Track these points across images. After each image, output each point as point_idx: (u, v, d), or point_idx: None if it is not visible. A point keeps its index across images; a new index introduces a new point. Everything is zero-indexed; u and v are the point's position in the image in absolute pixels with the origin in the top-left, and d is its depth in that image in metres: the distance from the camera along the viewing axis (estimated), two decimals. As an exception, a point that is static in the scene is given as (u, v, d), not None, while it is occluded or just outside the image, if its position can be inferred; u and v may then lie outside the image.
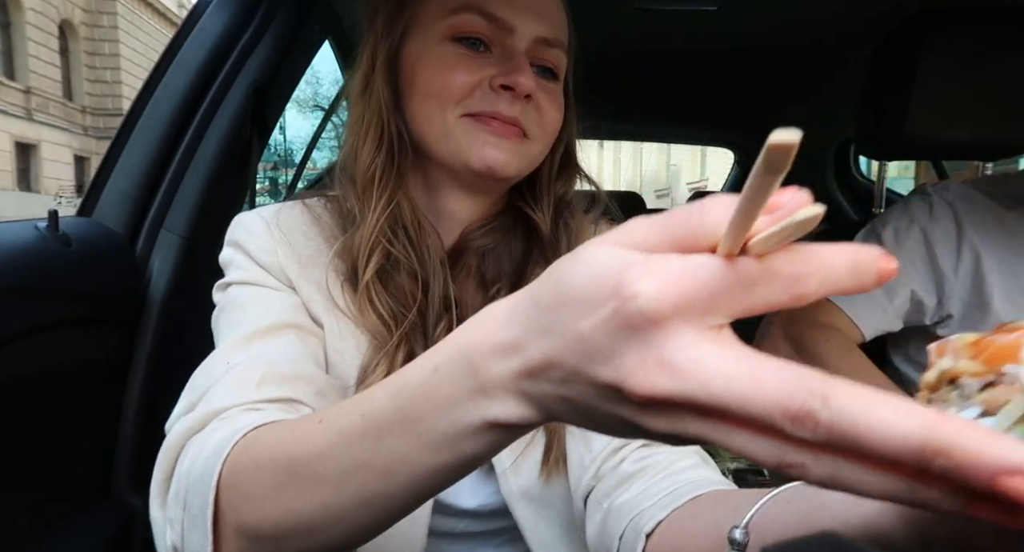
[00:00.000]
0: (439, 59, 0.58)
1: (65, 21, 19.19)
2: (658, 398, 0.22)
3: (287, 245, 0.60)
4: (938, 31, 0.93)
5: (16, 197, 15.95)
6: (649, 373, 0.22)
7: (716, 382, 0.21)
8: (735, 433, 0.22)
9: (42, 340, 0.77)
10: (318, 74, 6.72)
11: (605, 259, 0.24)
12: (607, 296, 0.23)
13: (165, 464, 0.44)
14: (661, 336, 0.22)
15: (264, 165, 6.74)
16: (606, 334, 0.23)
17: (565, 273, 0.25)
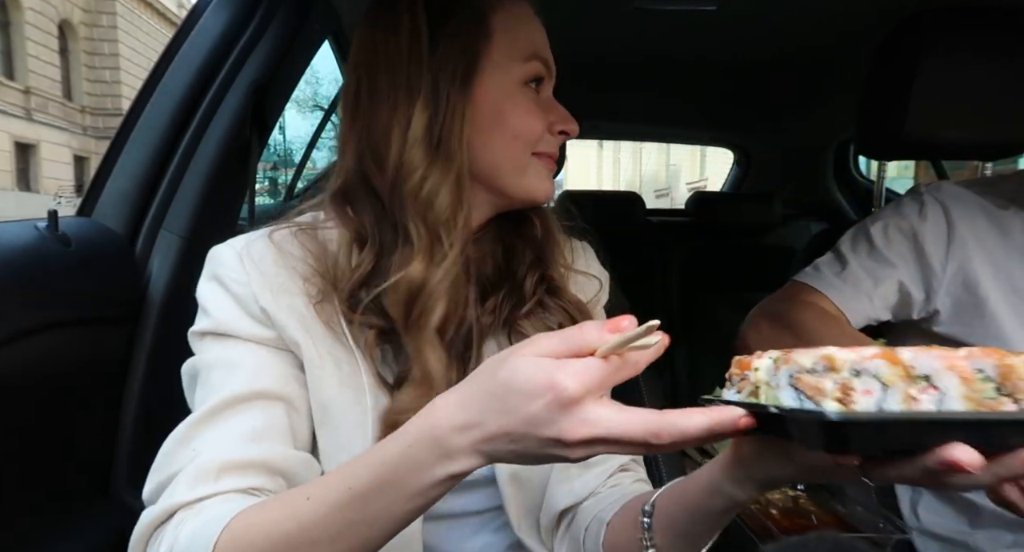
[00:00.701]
0: (524, 104, 0.65)
1: (64, 21, 19.17)
2: (583, 440, 0.40)
3: (259, 275, 0.61)
4: (937, 31, 0.93)
5: (15, 197, 15.93)
6: (577, 428, 0.40)
7: (613, 425, 0.40)
8: (622, 448, 0.41)
9: (42, 340, 0.77)
10: (318, 74, 6.72)
11: (537, 365, 0.41)
12: (545, 388, 0.40)
13: (144, 531, 0.51)
14: (580, 407, 0.40)
15: (264, 165, 6.73)
16: (547, 410, 0.40)
17: (510, 373, 0.42)
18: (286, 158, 8.89)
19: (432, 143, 0.60)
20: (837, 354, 0.39)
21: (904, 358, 0.38)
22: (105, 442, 0.93)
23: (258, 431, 0.56)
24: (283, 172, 8.42)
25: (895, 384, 0.37)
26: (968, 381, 0.37)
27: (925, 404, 0.37)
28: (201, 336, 0.61)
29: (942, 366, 0.37)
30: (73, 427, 0.86)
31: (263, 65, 1.03)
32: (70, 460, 0.86)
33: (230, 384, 0.57)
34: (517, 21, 0.66)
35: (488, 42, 0.63)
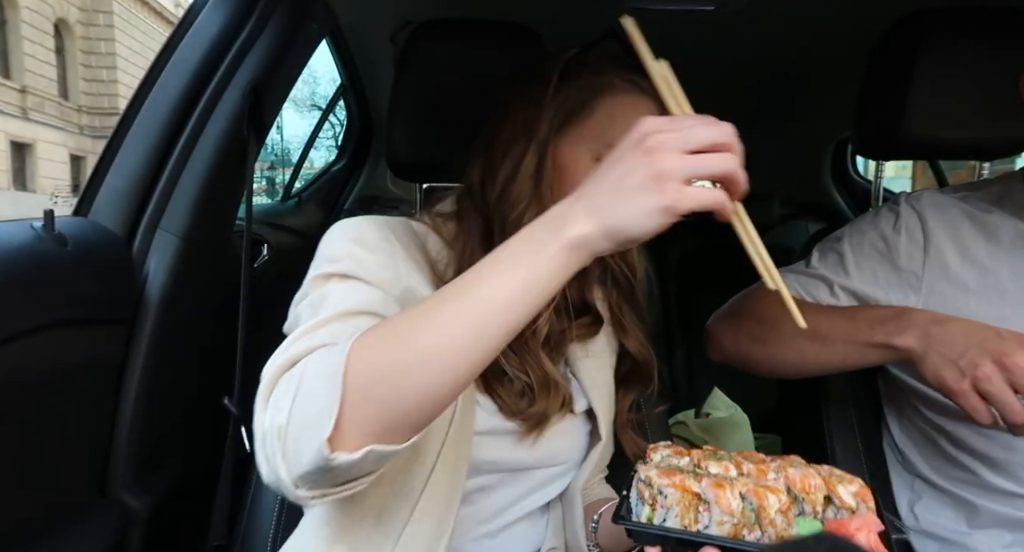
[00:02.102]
0: (584, 172, 0.68)
1: (61, 20, 19.11)
2: (667, 129, 0.49)
3: (403, 249, 0.68)
4: (935, 31, 0.93)
5: (11, 196, 15.88)
6: (661, 124, 0.49)
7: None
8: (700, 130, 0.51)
9: (38, 340, 0.77)
10: (315, 73, 6.72)
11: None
12: (634, 129, 0.50)
13: (270, 378, 0.53)
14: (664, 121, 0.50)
15: (261, 164, 6.73)
16: (635, 135, 0.49)
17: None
18: (283, 158, 8.90)
19: (535, 183, 0.70)
20: (655, 477, 0.58)
21: (693, 488, 0.57)
22: (103, 442, 0.92)
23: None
24: (280, 172, 8.39)
25: (676, 505, 0.57)
26: (731, 513, 0.56)
27: (703, 519, 0.56)
28: (327, 277, 0.64)
29: (713, 497, 0.56)
30: (70, 427, 0.85)
31: (260, 65, 1.02)
32: (67, 460, 0.86)
33: (365, 297, 0.61)
34: (622, 112, 0.72)
35: (587, 115, 0.72)
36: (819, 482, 0.58)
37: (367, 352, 0.49)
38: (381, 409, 0.48)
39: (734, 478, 0.59)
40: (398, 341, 0.49)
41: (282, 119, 7.63)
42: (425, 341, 0.48)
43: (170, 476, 1.01)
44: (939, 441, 0.93)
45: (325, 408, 0.47)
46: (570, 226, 0.48)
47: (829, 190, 2.37)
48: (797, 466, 0.61)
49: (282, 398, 0.50)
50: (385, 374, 0.48)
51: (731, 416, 1.76)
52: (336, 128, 2.48)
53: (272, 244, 1.48)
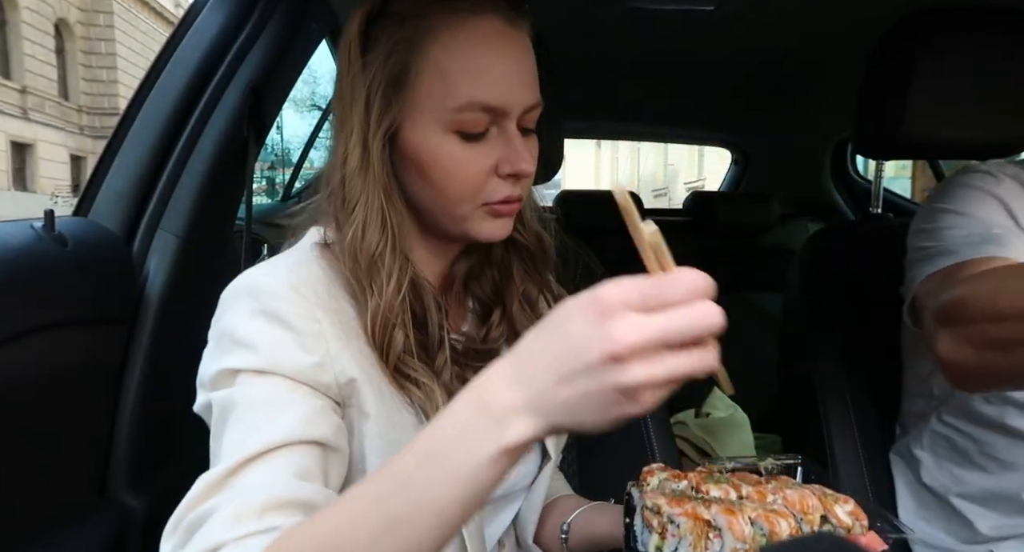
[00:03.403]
0: (449, 154, 0.58)
1: (61, 20, 19.11)
2: (639, 344, 0.35)
3: (327, 314, 0.57)
4: (935, 31, 0.93)
5: (12, 197, 15.88)
6: (629, 330, 0.36)
7: (662, 317, 0.36)
8: (682, 335, 0.36)
9: (38, 340, 0.77)
10: (315, 73, 6.70)
11: (579, 296, 0.39)
12: (585, 301, 0.38)
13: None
14: (624, 313, 0.36)
15: (261, 165, 6.73)
16: (589, 322, 0.37)
17: (554, 312, 0.40)
18: (283, 158, 8.87)
19: (362, 182, 0.59)
20: (665, 505, 0.58)
21: (704, 516, 0.57)
22: (102, 443, 0.92)
23: (304, 472, 0.50)
24: (280, 172, 8.40)
25: (688, 534, 0.57)
26: (744, 539, 0.56)
27: (714, 546, 0.56)
28: (234, 373, 0.53)
29: (725, 524, 0.56)
30: (70, 428, 0.85)
31: (260, 65, 1.02)
32: (67, 461, 0.86)
33: (279, 425, 0.51)
34: (458, 58, 0.57)
35: (415, 79, 0.58)
36: (816, 502, 0.59)
37: None
38: None
39: (741, 503, 0.60)
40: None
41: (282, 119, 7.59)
42: None
43: (170, 476, 1.01)
44: (965, 447, 0.92)
45: None
46: (512, 427, 0.38)
47: (829, 190, 2.37)
48: (793, 487, 0.62)
49: None
50: None
51: (731, 416, 1.76)
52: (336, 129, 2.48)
53: (272, 244, 1.48)
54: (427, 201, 0.62)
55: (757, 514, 0.57)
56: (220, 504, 0.47)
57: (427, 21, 0.57)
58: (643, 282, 0.37)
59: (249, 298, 0.56)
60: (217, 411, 0.53)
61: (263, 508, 0.46)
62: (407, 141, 0.59)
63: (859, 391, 1.09)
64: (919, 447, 0.99)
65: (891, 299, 1.12)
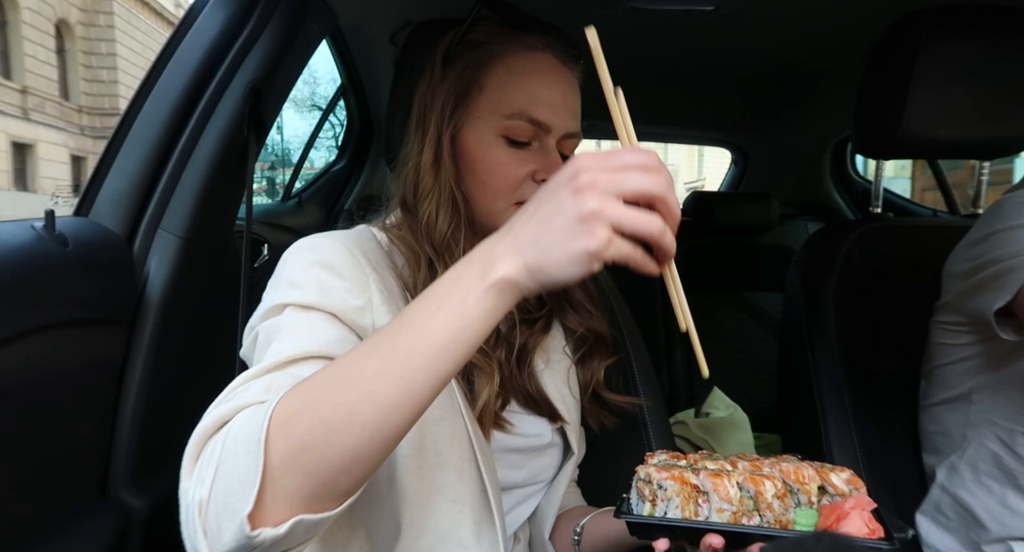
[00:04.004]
0: (494, 156, 0.70)
1: (61, 20, 19.10)
2: (590, 182, 0.44)
3: (372, 269, 0.66)
4: (935, 30, 0.93)
5: (12, 197, 15.88)
6: (587, 172, 0.45)
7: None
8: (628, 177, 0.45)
9: (39, 341, 0.77)
10: (315, 74, 6.70)
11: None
12: (564, 168, 0.46)
13: (197, 442, 0.49)
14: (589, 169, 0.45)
15: (261, 165, 6.73)
16: (562, 178, 0.45)
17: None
18: (284, 158, 8.88)
19: (434, 175, 0.70)
20: (654, 472, 0.61)
21: (691, 480, 0.59)
22: (103, 442, 0.92)
23: None
24: (281, 172, 8.40)
25: (675, 496, 0.59)
26: (729, 500, 0.58)
27: (703, 510, 0.58)
28: (283, 307, 0.61)
29: (712, 486, 0.58)
30: (71, 428, 0.85)
31: (261, 65, 1.02)
32: (67, 460, 0.86)
33: (317, 338, 0.57)
34: (515, 77, 0.70)
35: (477, 94, 0.70)
36: (812, 473, 0.60)
37: (288, 416, 0.45)
38: (306, 477, 0.44)
39: (734, 471, 0.61)
40: (320, 403, 0.45)
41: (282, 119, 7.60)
42: (349, 402, 0.44)
43: (170, 476, 1.01)
44: (1007, 461, 0.91)
45: (246, 480, 0.43)
46: (496, 266, 0.45)
47: (829, 190, 2.37)
48: (789, 462, 0.64)
49: (205, 468, 0.46)
50: (308, 440, 0.44)
51: (731, 416, 1.76)
52: (336, 128, 2.48)
53: (272, 244, 1.48)
54: (473, 194, 0.71)
55: (744, 478, 0.59)
56: (253, 384, 0.53)
57: (494, 48, 0.71)
58: (605, 154, 0.45)
59: (308, 251, 0.65)
60: (263, 336, 0.60)
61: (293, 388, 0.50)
62: (465, 141, 0.71)
63: (859, 391, 1.09)
64: (959, 458, 0.96)
65: (891, 299, 1.12)
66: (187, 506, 0.46)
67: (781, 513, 0.58)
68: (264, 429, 0.44)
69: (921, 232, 1.18)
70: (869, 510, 0.56)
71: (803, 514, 0.58)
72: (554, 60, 0.72)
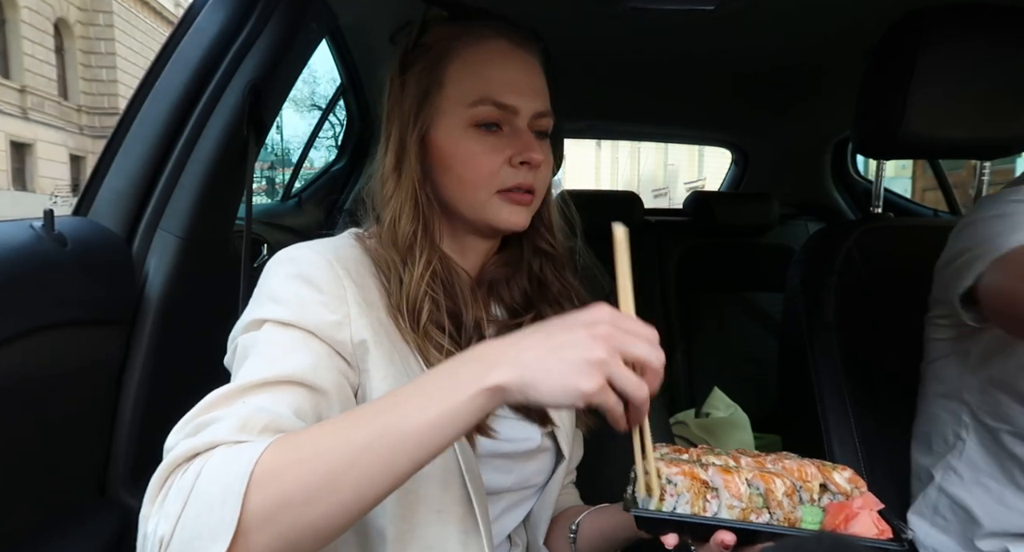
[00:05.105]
0: (467, 147, 0.70)
1: (61, 19, 19.09)
2: (603, 319, 0.50)
3: (352, 282, 0.65)
4: (936, 30, 0.93)
5: (11, 196, 15.87)
6: (600, 309, 0.51)
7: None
8: (632, 332, 0.51)
9: (38, 340, 0.77)
10: (315, 73, 6.71)
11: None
12: (581, 312, 0.51)
13: (164, 469, 0.49)
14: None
15: (261, 164, 6.73)
16: (577, 314, 0.51)
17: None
18: (283, 158, 8.89)
19: (396, 180, 0.70)
20: (663, 467, 0.60)
21: (701, 475, 0.59)
22: (102, 443, 0.92)
23: (301, 412, 0.56)
24: (280, 171, 8.39)
25: (686, 491, 0.59)
26: (740, 497, 0.58)
27: (712, 506, 0.58)
28: (262, 323, 0.61)
29: (722, 483, 0.58)
30: (70, 428, 0.85)
31: (260, 64, 1.02)
32: (67, 460, 0.86)
33: (292, 363, 0.58)
34: (473, 66, 0.70)
35: (439, 90, 0.70)
36: (814, 470, 0.61)
37: (271, 473, 0.46)
38: (278, 536, 0.45)
39: (739, 468, 0.61)
40: (304, 466, 0.46)
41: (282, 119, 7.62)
42: (334, 470, 0.46)
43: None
44: (1009, 467, 0.90)
45: (218, 530, 0.44)
46: (494, 372, 0.48)
47: (829, 190, 2.37)
48: (791, 459, 0.64)
49: (172, 503, 0.46)
50: (288, 500, 0.45)
51: (731, 416, 1.76)
52: (336, 128, 2.48)
53: (272, 244, 1.48)
54: (451, 191, 0.71)
55: (753, 475, 0.59)
56: (228, 414, 0.52)
57: (448, 44, 0.71)
58: (622, 316, 0.51)
59: (288, 263, 0.65)
60: (240, 350, 0.61)
61: (264, 428, 0.52)
62: (435, 140, 0.70)
63: (859, 391, 1.09)
64: (957, 457, 0.96)
65: (891, 299, 1.12)
66: (145, 535, 0.47)
67: (790, 510, 0.58)
68: (245, 482, 0.45)
69: (922, 232, 1.18)
70: (876, 510, 0.56)
71: (808, 512, 0.58)
72: (508, 45, 0.71)
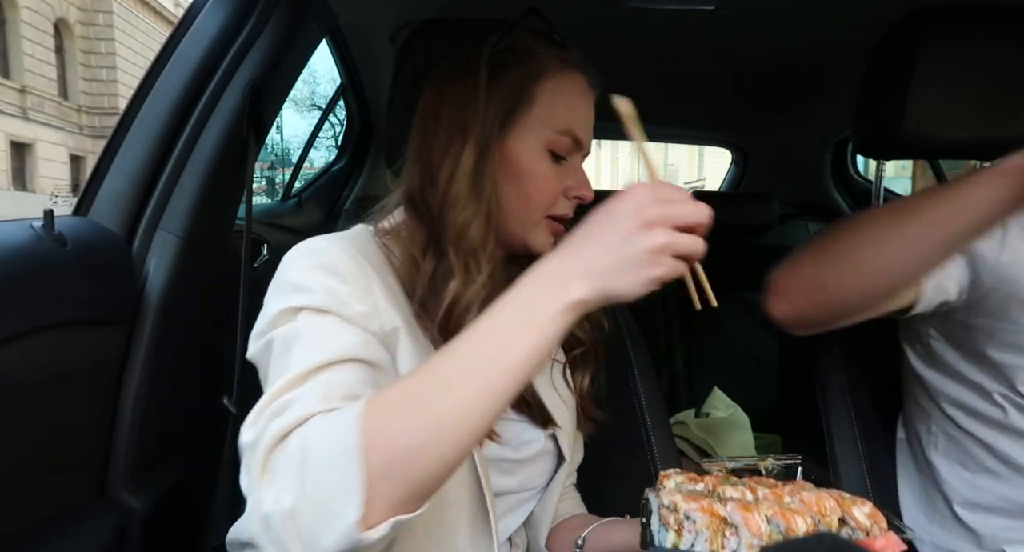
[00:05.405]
0: (541, 169, 0.71)
1: (61, 19, 19.09)
2: (656, 219, 0.51)
3: (378, 276, 0.65)
4: (936, 30, 0.93)
5: (11, 196, 15.87)
6: (651, 205, 0.52)
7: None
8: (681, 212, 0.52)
9: (38, 341, 0.77)
10: (315, 73, 6.72)
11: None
12: (625, 193, 0.53)
13: (263, 453, 0.50)
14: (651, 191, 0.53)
15: (261, 164, 6.72)
16: (626, 203, 0.52)
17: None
18: (283, 157, 8.90)
19: (473, 181, 0.68)
20: (681, 501, 0.59)
21: (720, 512, 0.58)
22: (102, 443, 0.92)
23: (372, 385, 0.57)
24: (280, 171, 8.39)
25: (704, 529, 0.58)
26: (760, 535, 0.57)
27: (731, 544, 0.57)
28: (296, 311, 0.60)
29: (741, 520, 0.57)
30: (70, 428, 0.85)
31: (260, 64, 1.02)
32: (67, 460, 0.86)
33: (343, 342, 0.58)
34: (563, 94, 0.72)
35: (529, 105, 0.70)
36: (833, 504, 0.59)
37: (383, 427, 0.48)
38: (402, 483, 0.47)
39: (757, 501, 0.59)
40: (416, 414, 0.48)
41: (282, 119, 7.61)
42: (444, 412, 0.48)
43: (170, 476, 1.01)
44: (972, 450, 0.92)
45: (348, 488, 0.46)
46: (571, 289, 0.50)
47: (829, 190, 2.37)
48: (810, 490, 0.62)
49: (285, 476, 0.48)
50: (405, 449, 0.47)
51: (731, 416, 1.76)
52: (336, 128, 2.48)
53: (272, 244, 1.48)
54: (511, 203, 0.71)
55: (774, 512, 0.57)
56: (303, 393, 0.53)
57: (543, 60, 0.72)
58: (654, 188, 0.52)
59: (309, 256, 0.64)
60: (280, 342, 0.59)
61: (344, 397, 0.53)
62: (511, 150, 0.70)
63: (859, 391, 1.09)
64: (935, 451, 0.97)
65: (891, 299, 1.12)
66: (266, 515, 0.48)
67: None
68: (357, 437, 0.47)
69: (921, 232, 1.18)
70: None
71: None
72: (586, 82, 0.75)
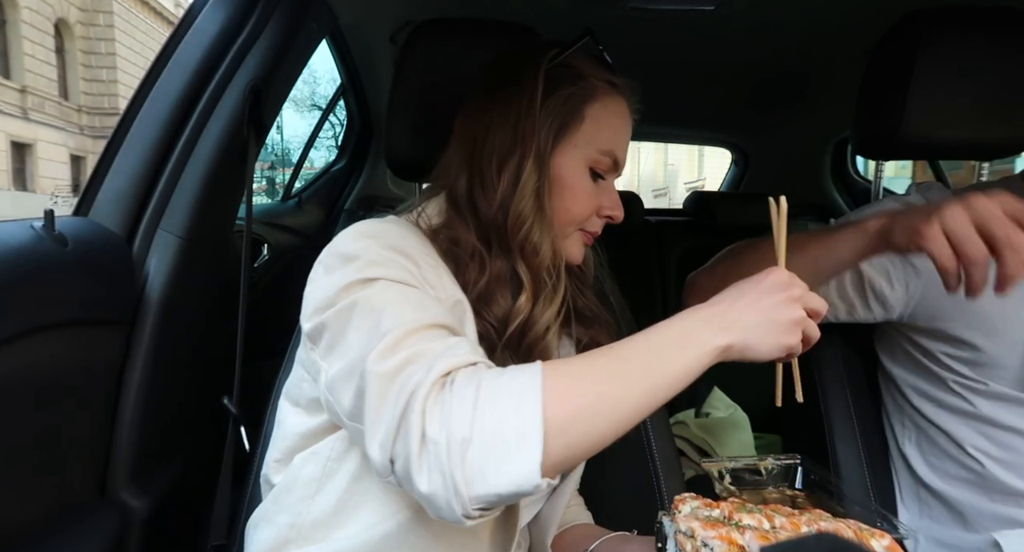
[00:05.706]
0: (583, 185, 0.75)
1: (61, 20, 19.08)
2: (796, 285, 0.61)
3: (431, 258, 0.68)
4: (935, 30, 0.93)
5: (11, 197, 15.87)
6: (795, 281, 0.62)
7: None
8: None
9: (38, 341, 0.77)
10: (315, 73, 6.71)
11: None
12: (770, 271, 0.62)
13: (431, 386, 0.51)
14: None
15: (261, 164, 6.72)
16: (775, 280, 0.61)
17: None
18: (283, 158, 8.89)
19: (537, 200, 0.71)
20: (699, 529, 0.58)
21: (738, 540, 0.58)
22: (102, 442, 0.92)
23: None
24: (280, 171, 8.39)
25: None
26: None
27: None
28: (372, 280, 0.60)
29: (759, 550, 0.56)
30: (70, 428, 0.85)
31: (260, 65, 1.02)
32: (67, 460, 0.86)
33: (433, 312, 0.59)
34: (608, 116, 0.75)
35: (579, 123, 0.73)
36: (851, 535, 0.59)
37: (562, 389, 0.52)
38: (573, 442, 0.51)
39: (775, 531, 0.59)
40: (591, 387, 0.53)
41: (282, 119, 7.61)
42: (613, 394, 0.53)
43: (170, 476, 1.01)
44: (938, 440, 0.93)
45: (528, 434, 0.49)
46: (726, 334, 0.56)
47: (829, 190, 2.37)
48: (827, 520, 0.61)
49: (459, 408, 0.50)
50: (579, 415, 0.51)
51: (731, 416, 1.76)
52: (336, 128, 2.48)
53: (272, 244, 1.48)
54: (552, 214, 0.73)
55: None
56: (425, 348, 0.54)
57: (593, 82, 0.74)
58: (793, 276, 0.61)
59: (376, 238, 0.65)
60: (366, 303, 0.59)
61: (471, 351, 0.56)
62: (557, 165, 0.73)
63: (859, 391, 1.09)
64: (908, 443, 1.00)
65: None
66: (431, 439, 0.49)
67: None
68: (538, 393, 0.51)
69: (921, 232, 1.18)
70: None
71: None
72: (627, 108, 0.77)
